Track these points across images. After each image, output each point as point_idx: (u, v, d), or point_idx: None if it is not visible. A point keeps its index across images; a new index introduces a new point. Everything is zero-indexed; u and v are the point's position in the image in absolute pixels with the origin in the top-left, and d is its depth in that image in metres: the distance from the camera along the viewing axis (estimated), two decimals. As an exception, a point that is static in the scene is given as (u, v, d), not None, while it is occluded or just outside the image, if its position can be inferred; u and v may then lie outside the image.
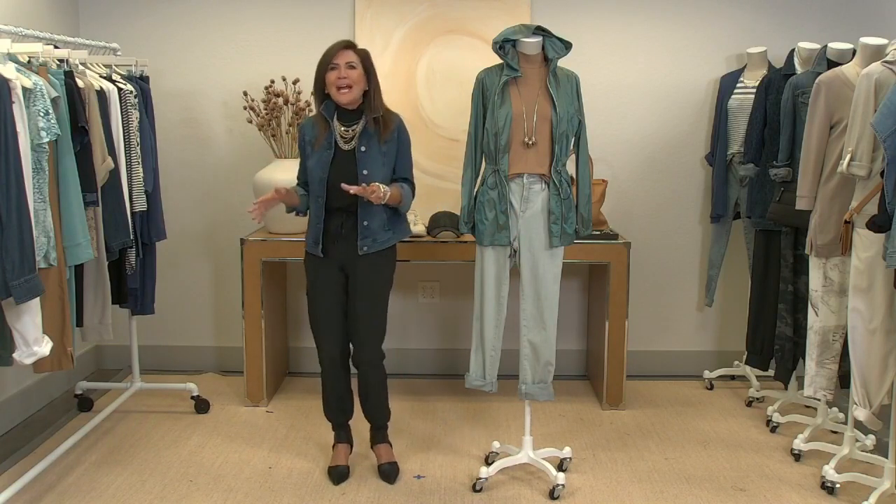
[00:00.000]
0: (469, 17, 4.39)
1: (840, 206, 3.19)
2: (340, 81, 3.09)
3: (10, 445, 3.61)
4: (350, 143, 3.16)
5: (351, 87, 3.10)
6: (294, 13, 4.45)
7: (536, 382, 3.30)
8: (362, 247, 3.17)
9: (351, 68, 3.10)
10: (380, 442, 3.40)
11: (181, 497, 3.16)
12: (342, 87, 3.09)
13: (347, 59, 3.10)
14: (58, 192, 2.86)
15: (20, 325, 2.69)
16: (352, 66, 3.10)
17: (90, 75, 3.33)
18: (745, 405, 4.17)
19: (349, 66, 3.10)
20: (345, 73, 3.09)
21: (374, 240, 3.18)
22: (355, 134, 3.15)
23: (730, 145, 4.23)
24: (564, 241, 3.22)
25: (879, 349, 3.03)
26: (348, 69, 3.09)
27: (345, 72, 3.09)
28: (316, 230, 3.20)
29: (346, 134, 3.16)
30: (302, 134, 3.25)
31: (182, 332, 4.69)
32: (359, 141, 3.14)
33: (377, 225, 3.18)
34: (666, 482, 3.33)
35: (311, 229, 3.22)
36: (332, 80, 3.10)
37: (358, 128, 3.16)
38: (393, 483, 3.26)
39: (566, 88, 3.17)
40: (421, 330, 4.64)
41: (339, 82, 3.09)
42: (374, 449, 3.40)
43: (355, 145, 3.15)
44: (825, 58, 3.56)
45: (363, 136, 3.15)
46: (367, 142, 3.15)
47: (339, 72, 3.09)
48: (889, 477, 3.07)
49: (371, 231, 3.17)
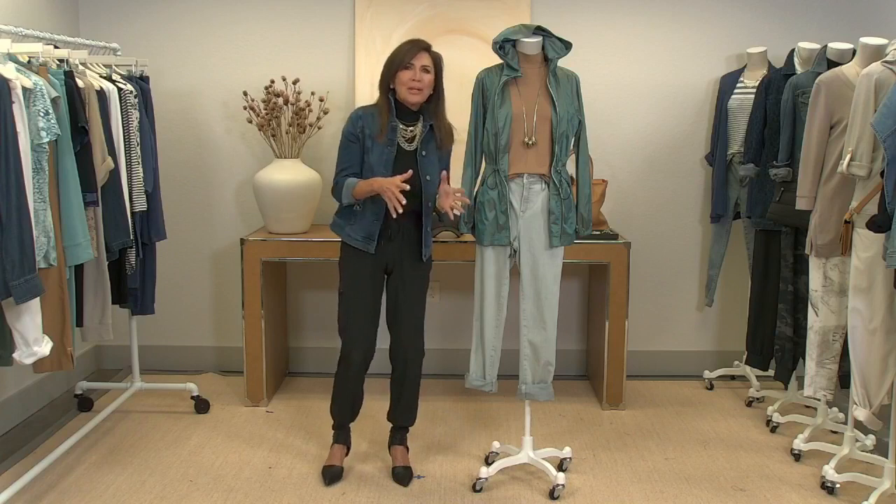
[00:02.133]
0: (469, 17, 4.39)
1: (840, 206, 3.19)
2: (414, 83, 3.08)
3: (10, 445, 3.61)
4: (411, 143, 3.15)
5: (423, 89, 3.09)
6: (294, 13, 4.45)
7: (536, 382, 3.30)
8: (426, 253, 3.23)
9: (426, 72, 3.10)
10: (398, 444, 3.39)
11: (181, 497, 3.16)
12: (414, 89, 3.08)
13: (424, 63, 3.09)
14: (58, 192, 2.86)
15: (20, 325, 2.69)
16: (426, 70, 3.10)
17: (90, 75, 3.33)
18: (745, 405, 4.17)
19: (424, 70, 3.09)
20: (420, 76, 3.08)
21: (427, 245, 3.24)
22: (415, 136, 3.15)
23: (730, 145, 4.23)
24: (564, 241, 3.22)
25: (879, 349, 3.03)
26: (423, 72, 3.09)
27: (420, 74, 3.08)
28: (372, 227, 3.15)
29: (405, 133, 3.15)
30: (359, 123, 3.14)
31: (182, 332, 4.69)
32: (420, 144, 3.15)
33: (429, 230, 3.25)
34: (666, 482, 3.33)
35: (365, 225, 3.16)
36: (405, 80, 3.08)
37: (417, 130, 3.16)
38: (406, 486, 3.26)
39: (566, 88, 3.17)
40: (421, 330, 4.64)
41: (412, 84, 3.08)
42: (391, 450, 3.39)
43: (416, 147, 3.15)
44: (825, 58, 3.56)
45: (424, 141, 3.16)
46: (426, 146, 3.16)
47: (413, 73, 3.07)
48: (889, 477, 3.07)
49: (428, 235, 3.23)
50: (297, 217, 4.07)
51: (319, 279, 4.58)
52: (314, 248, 4.02)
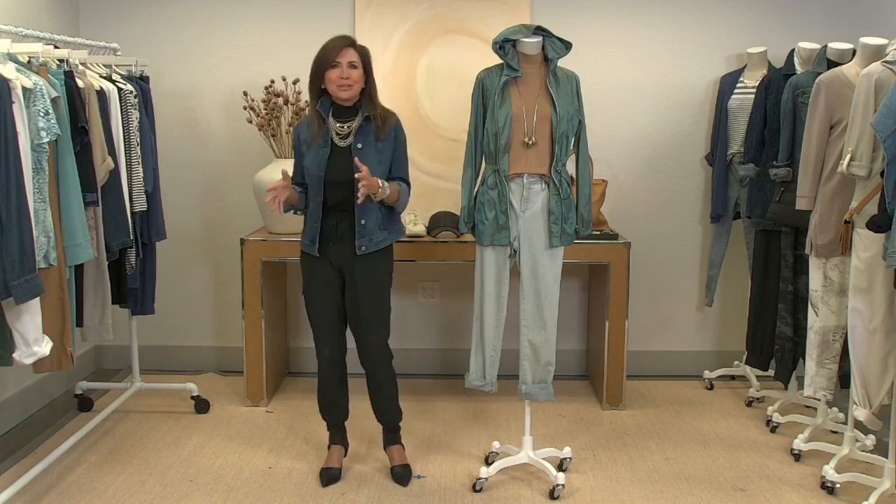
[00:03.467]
0: (469, 17, 4.39)
1: (840, 206, 3.19)
2: (343, 81, 3.05)
3: (10, 445, 3.61)
4: (346, 139, 3.12)
5: (352, 85, 3.07)
6: (294, 13, 4.45)
7: (536, 382, 3.30)
8: (360, 246, 3.13)
9: (353, 67, 3.06)
10: (392, 444, 3.38)
11: (181, 497, 3.16)
12: (343, 86, 3.06)
13: (350, 59, 3.06)
14: (58, 192, 2.86)
15: (20, 325, 2.69)
16: (353, 66, 3.06)
17: (90, 75, 3.33)
18: (745, 405, 4.17)
19: (351, 66, 3.05)
20: (347, 73, 3.04)
21: (370, 239, 3.14)
22: (351, 130, 3.12)
23: (730, 145, 4.23)
24: (564, 241, 3.22)
25: (879, 349, 3.03)
26: (350, 68, 3.05)
27: (347, 71, 3.05)
28: (313, 229, 3.17)
29: (341, 130, 3.13)
30: (297, 134, 3.22)
31: (182, 332, 4.69)
32: (355, 137, 3.11)
33: (373, 224, 3.14)
34: (666, 482, 3.33)
35: (308, 229, 3.20)
36: (334, 79, 3.06)
37: (354, 124, 3.12)
38: (406, 486, 3.26)
39: (566, 88, 3.17)
40: (421, 330, 4.64)
41: (341, 81, 3.05)
42: (386, 451, 3.39)
43: (351, 142, 3.11)
44: (825, 58, 3.56)
45: (359, 133, 3.11)
46: (363, 139, 3.11)
47: (341, 71, 3.04)
48: (889, 477, 3.07)
49: (367, 230, 3.13)
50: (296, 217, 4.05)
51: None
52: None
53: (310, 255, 3.20)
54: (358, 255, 3.14)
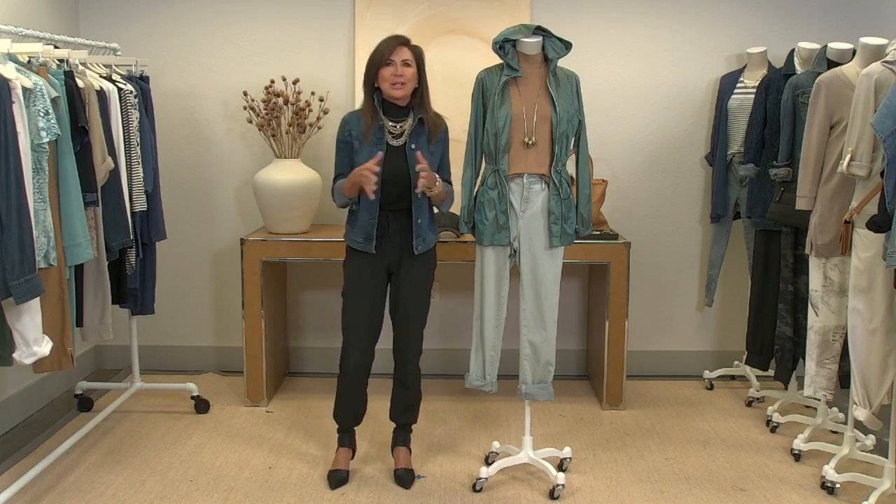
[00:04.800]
0: (469, 17, 4.39)
1: (840, 206, 3.19)
2: (396, 79, 3.08)
3: (10, 445, 3.61)
4: (399, 139, 3.16)
5: (405, 83, 3.10)
6: (294, 13, 4.45)
7: (536, 382, 3.30)
8: (417, 246, 3.19)
9: (406, 66, 3.10)
10: (402, 445, 3.38)
11: (181, 497, 3.16)
12: (397, 84, 3.09)
13: (404, 57, 3.09)
14: (58, 192, 2.86)
15: (20, 325, 2.69)
16: (407, 64, 3.10)
17: (90, 75, 3.33)
18: (745, 405, 4.17)
19: (405, 64, 3.09)
20: (401, 71, 3.08)
21: (424, 238, 3.21)
22: (404, 131, 3.16)
23: (730, 145, 4.23)
24: (564, 241, 3.22)
25: (879, 349, 3.03)
26: (404, 66, 3.09)
27: (401, 69, 3.08)
28: (369, 227, 3.17)
29: (394, 130, 3.16)
30: (347, 128, 3.20)
31: (182, 332, 4.69)
32: (409, 139, 3.15)
33: (425, 223, 3.21)
34: (666, 482, 3.33)
35: (362, 227, 3.19)
36: (388, 76, 3.09)
37: (406, 125, 3.17)
38: (408, 488, 3.25)
39: (566, 88, 3.17)
40: (421, 330, 4.64)
41: (394, 79, 3.08)
42: (394, 451, 3.38)
43: (405, 142, 3.15)
44: (825, 58, 3.56)
45: (413, 135, 3.16)
46: (416, 140, 3.15)
47: (395, 69, 3.08)
48: (889, 477, 3.07)
49: (422, 229, 3.20)
50: (297, 217, 4.08)
51: (319, 279, 4.58)
52: (314, 248, 4.02)
53: (362, 252, 3.21)
54: (414, 255, 3.20)
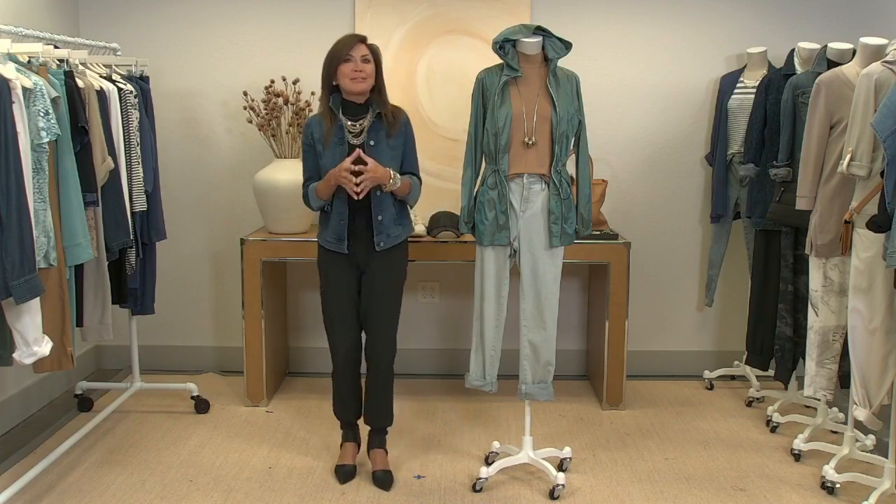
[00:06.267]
0: (469, 17, 4.39)
1: (840, 206, 3.19)
2: (356, 74, 3.10)
3: (10, 445, 3.61)
4: (359, 137, 3.17)
5: (366, 78, 3.12)
6: (294, 13, 4.45)
7: (536, 382, 3.30)
8: (378, 242, 3.19)
9: (366, 62, 3.12)
10: (377, 447, 3.37)
11: (181, 497, 3.16)
12: (357, 78, 3.11)
13: (362, 53, 3.12)
14: (58, 192, 2.86)
15: (20, 325, 2.69)
16: (366, 60, 3.13)
17: (90, 75, 3.33)
18: (745, 405, 4.17)
19: (364, 60, 3.12)
20: (360, 66, 3.11)
21: (387, 235, 3.21)
22: (363, 128, 3.17)
23: (730, 145, 4.23)
24: (564, 241, 3.22)
25: (879, 349, 3.03)
26: (363, 62, 3.12)
27: (360, 65, 3.11)
28: (339, 227, 3.19)
29: (353, 128, 3.17)
30: (309, 132, 3.23)
31: (182, 332, 4.69)
32: (367, 135, 3.16)
33: (389, 219, 3.21)
34: (666, 482, 3.33)
35: (333, 227, 3.22)
36: (347, 72, 3.11)
37: (365, 122, 3.18)
38: (388, 490, 3.24)
39: (566, 88, 3.17)
40: (421, 330, 4.64)
41: (354, 74, 3.10)
42: (370, 454, 3.37)
43: (364, 139, 3.16)
44: (825, 58, 3.56)
45: (371, 131, 3.17)
46: (375, 136, 3.17)
47: (354, 64, 3.10)
48: (889, 477, 3.07)
49: (385, 226, 3.20)
50: (297, 217, 4.07)
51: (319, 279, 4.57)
52: (314, 248, 3.96)
53: (335, 252, 3.23)
54: (377, 252, 3.20)
